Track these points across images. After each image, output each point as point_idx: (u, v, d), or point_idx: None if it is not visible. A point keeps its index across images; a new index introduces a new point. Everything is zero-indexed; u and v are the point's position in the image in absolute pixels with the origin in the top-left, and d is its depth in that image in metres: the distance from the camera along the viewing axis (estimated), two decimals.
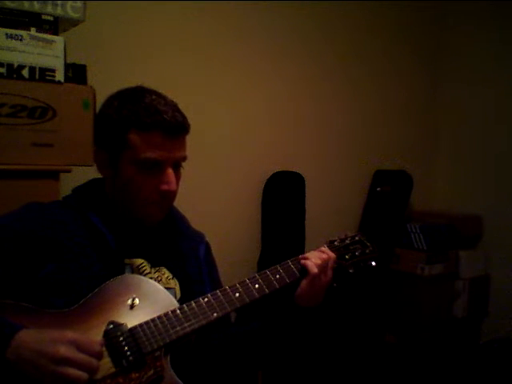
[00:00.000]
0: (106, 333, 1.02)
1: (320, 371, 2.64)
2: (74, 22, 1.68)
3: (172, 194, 1.18)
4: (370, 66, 3.16)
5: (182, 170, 1.21)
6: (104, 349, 0.99)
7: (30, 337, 0.94)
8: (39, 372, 0.91)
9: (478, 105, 3.31)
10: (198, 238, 1.33)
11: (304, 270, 1.20)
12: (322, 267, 1.20)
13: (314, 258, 1.21)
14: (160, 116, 1.12)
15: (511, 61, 3.16)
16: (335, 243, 1.31)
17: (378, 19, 3.16)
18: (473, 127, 3.34)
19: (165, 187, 1.15)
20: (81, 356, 0.93)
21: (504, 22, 3.17)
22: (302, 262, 1.21)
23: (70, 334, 0.95)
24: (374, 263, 1.33)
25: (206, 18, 2.52)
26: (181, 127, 1.16)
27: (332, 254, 1.25)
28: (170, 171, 1.15)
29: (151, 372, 1.02)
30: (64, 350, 0.92)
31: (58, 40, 1.58)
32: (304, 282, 1.20)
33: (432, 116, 3.50)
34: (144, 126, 1.12)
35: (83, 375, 0.93)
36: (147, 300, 1.08)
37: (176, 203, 1.28)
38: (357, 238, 1.34)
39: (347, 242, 1.32)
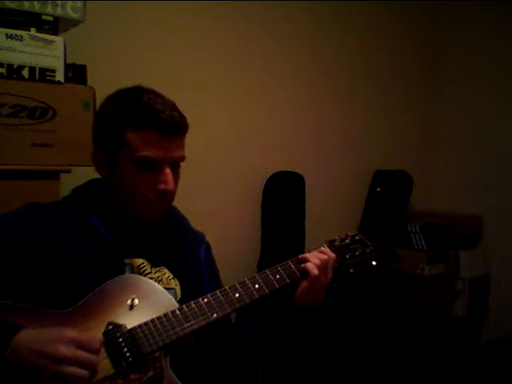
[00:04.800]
0: (105, 334, 1.01)
1: (320, 371, 2.64)
2: (74, 22, 1.68)
3: (170, 194, 1.17)
4: (370, 66, 3.16)
5: (180, 170, 1.20)
6: (103, 350, 0.99)
7: (29, 337, 0.93)
8: (40, 372, 0.91)
9: (478, 105, 3.30)
10: (198, 238, 1.33)
11: (304, 270, 1.20)
12: (322, 268, 1.20)
13: (314, 259, 1.20)
14: (157, 115, 1.11)
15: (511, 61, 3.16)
16: (335, 243, 1.30)
17: (378, 19, 3.16)
18: (473, 127, 3.34)
19: (162, 187, 1.14)
20: (81, 354, 0.93)
21: (504, 21, 3.16)
22: (302, 264, 1.20)
23: (69, 333, 0.94)
24: (374, 263, 1.32)
25: (206, 19, 2.51)
26: (178, 126, 1.14)
27: (332, 255, 1.24)
28: (168, 171, 1.14)
29: (151, 373, 1.01)
30: (64, 350, 0.91)
31: (58, 40, 1.58)
32: (304, 283, 1.20)
33: (432, 116, 3.49)
34: (141, 125, 1.11)
35: (84, 373, 0.92)
36: (147, 300, 1.08)
37: (176, 203, 1.27)
38: (357, 238, 1.34)
39: (347, 241, 1.32)
